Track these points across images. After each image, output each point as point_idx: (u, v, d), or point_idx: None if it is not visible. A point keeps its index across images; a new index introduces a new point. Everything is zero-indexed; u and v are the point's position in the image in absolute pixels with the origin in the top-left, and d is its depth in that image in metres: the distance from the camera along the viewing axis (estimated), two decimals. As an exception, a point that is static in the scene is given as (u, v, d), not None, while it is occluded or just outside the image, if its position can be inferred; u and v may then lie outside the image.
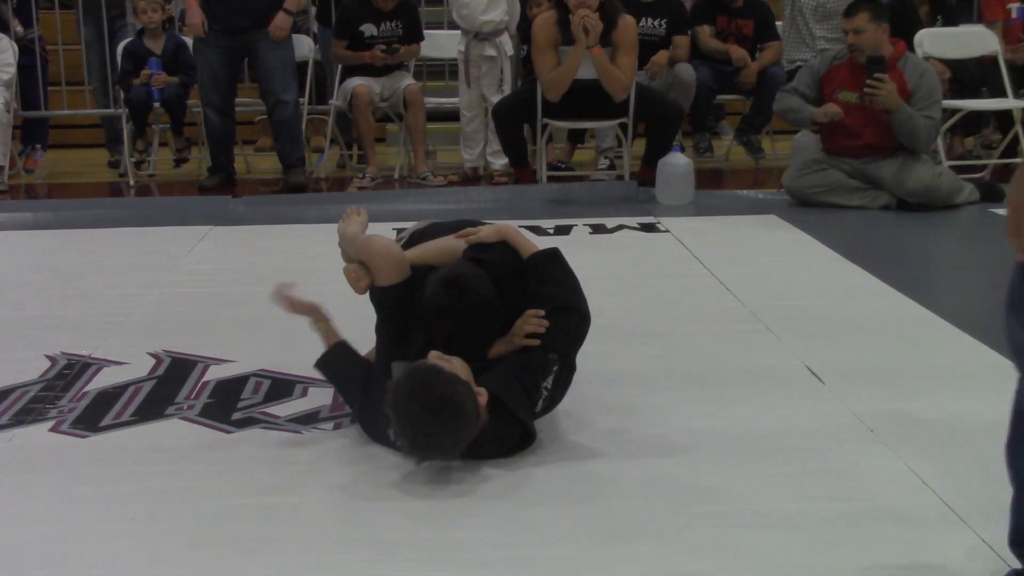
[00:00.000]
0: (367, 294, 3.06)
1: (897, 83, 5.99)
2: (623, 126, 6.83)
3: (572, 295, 2.93)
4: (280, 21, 6.98)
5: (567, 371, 2.88)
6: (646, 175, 6.73)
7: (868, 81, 5.93)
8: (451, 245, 3.04)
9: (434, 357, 2.73)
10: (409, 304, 2.94)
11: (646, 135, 6.98)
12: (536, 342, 2.83)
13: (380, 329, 3.09)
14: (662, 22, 7.32)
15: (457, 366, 2.71)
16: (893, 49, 6.10)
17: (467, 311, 2.81)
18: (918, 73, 6.12)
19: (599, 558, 2.33)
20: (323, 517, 2.54)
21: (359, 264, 3.04)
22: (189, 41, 7.57)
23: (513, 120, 6.85)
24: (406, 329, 2.97)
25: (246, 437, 3.02)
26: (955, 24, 7.84)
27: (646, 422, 3.08)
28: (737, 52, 7.58)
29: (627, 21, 6.63)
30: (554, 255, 2.97)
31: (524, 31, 7.63)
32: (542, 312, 2.84)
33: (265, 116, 7.77)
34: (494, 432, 2.73)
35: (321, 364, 3.05)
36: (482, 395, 2.69)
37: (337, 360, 3.03)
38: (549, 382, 2.82)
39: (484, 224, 3.08)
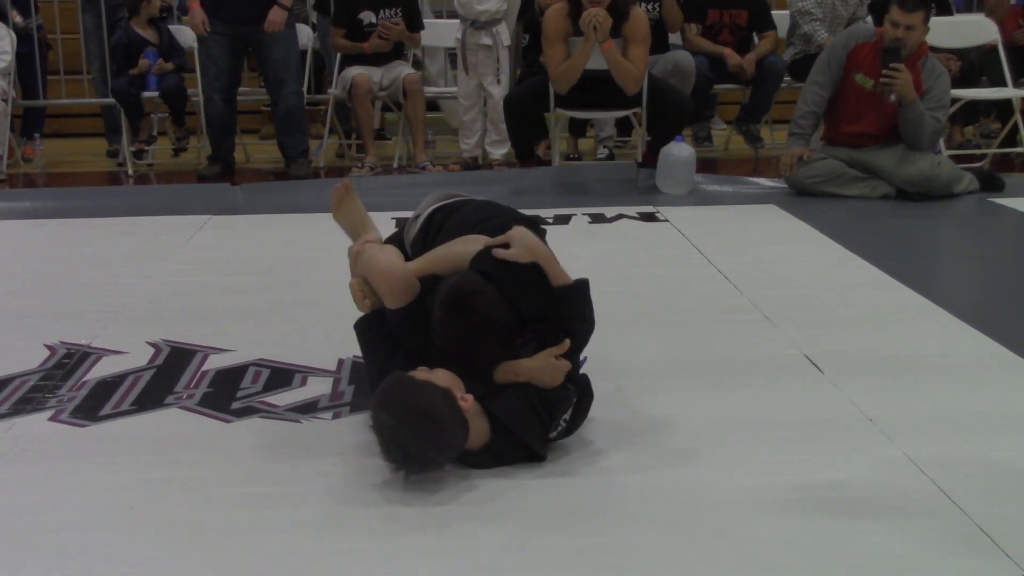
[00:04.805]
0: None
1: (913, 79, 5.96)
2: (636, 114, 6.84)
3: (591, 330, 2.86)
4: (274, 16, 6.96)
5: (588, 400, 2.83)
6: (650, 162, 6.70)
7: (884, 71, 5.89)
8: (460, 252, 2.83)
9: (419, 371, 2.65)
10: (420, 321, 2.79)
11: (653, 125, 6.89)
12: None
13: (397, 343, 2.92)
14: (656, 7, 7.30)
15: (438, 376, 2.63)
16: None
17: (469, 331, 2.66)
18: (935, 75, 6.10)
19: (592, 547, 2.33)
20: (322, 506, 2.54)
21: (363, 280, 2.93)
22: (183, 30, 7.56)
23: (523, 111, 6.83)
24: (422, 344, 2.81)
25: (245, 426, 3.02)
26: (949, 13, 7.82)
27: (643, 411, 3.07)
28: (733, 58, 7.56)
29: (638, 13, 6.62)
30: (585, 289, 2.83)
31: (527, 21, 7.61)
32: (568, 365, 2.73)
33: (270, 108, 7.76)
34: (496, 453, 2.66)
35: (359, 326, 2.99)
36: (467, 401, 2.59)
37: (372, 328, 2.94)
38: (568, 414, 2.75)
39: (513, 227, 2.80)
